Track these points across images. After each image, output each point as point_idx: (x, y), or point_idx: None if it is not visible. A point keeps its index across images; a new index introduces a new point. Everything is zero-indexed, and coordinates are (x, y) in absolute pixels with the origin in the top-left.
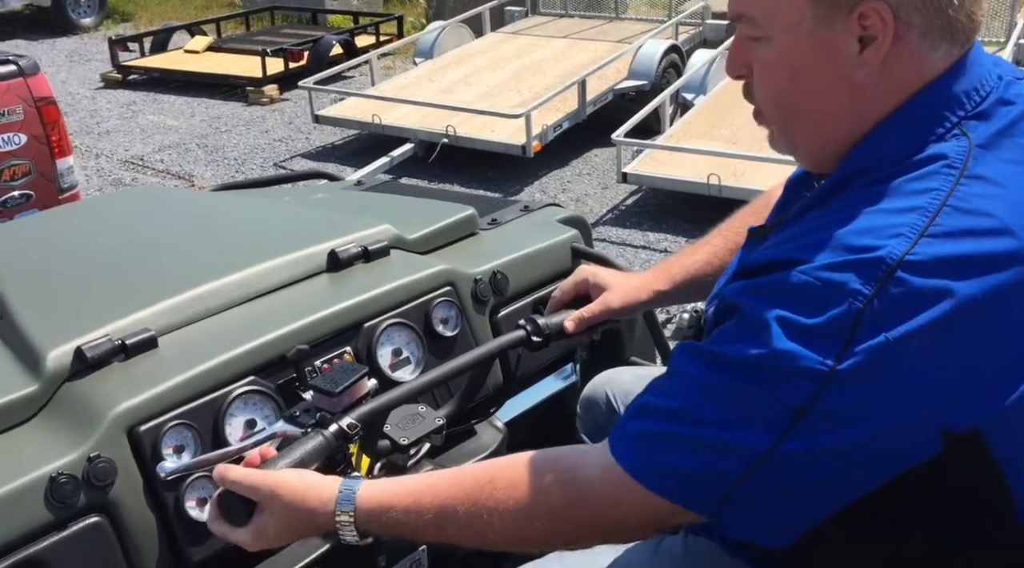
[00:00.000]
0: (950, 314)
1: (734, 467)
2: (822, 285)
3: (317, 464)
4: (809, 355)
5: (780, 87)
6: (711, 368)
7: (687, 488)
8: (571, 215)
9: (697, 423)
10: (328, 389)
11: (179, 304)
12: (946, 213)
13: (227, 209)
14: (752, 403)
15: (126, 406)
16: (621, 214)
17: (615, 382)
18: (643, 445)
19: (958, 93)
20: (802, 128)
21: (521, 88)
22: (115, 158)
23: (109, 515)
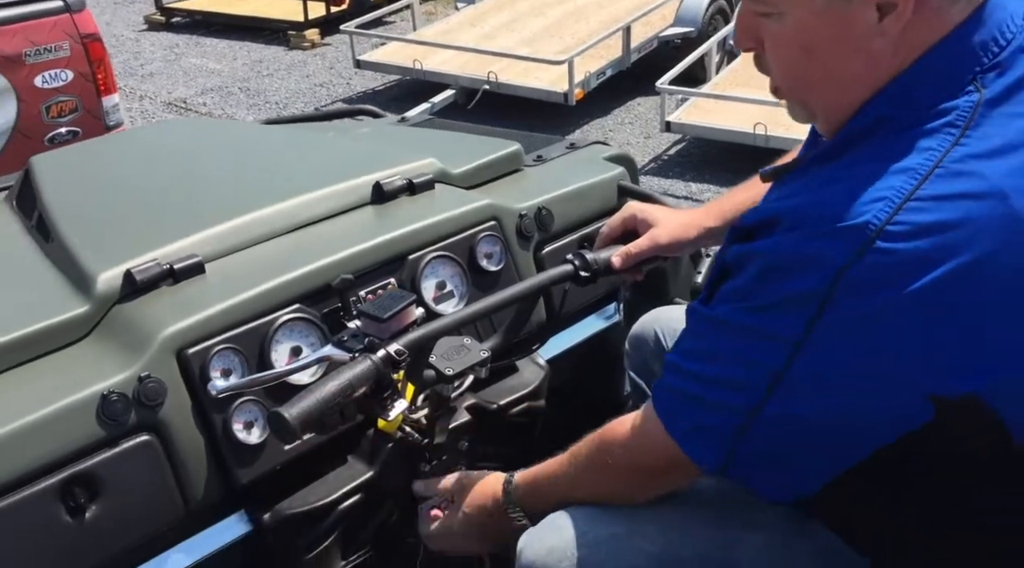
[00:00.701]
0: (929, 284)
1: (728, 424)
2: (802, 253)
3: (364, 388)
4: (782, 323)
5: (793, 61)
6: (708, 330)
7: (699, 442)
8: (618, 153)
9: (699, 381)
10: (377, 315)
11: (226, 231)
12: (937, 176)
13: (273, 140)
14: (737, 365)
15: (175, 329)
16: (664, 164)
17: (663, 320)
18: (670, 398)
19: (974, 45)
20: (818, 100)
21: (564, 34)
22: (158, 100)
23: (159, 434)
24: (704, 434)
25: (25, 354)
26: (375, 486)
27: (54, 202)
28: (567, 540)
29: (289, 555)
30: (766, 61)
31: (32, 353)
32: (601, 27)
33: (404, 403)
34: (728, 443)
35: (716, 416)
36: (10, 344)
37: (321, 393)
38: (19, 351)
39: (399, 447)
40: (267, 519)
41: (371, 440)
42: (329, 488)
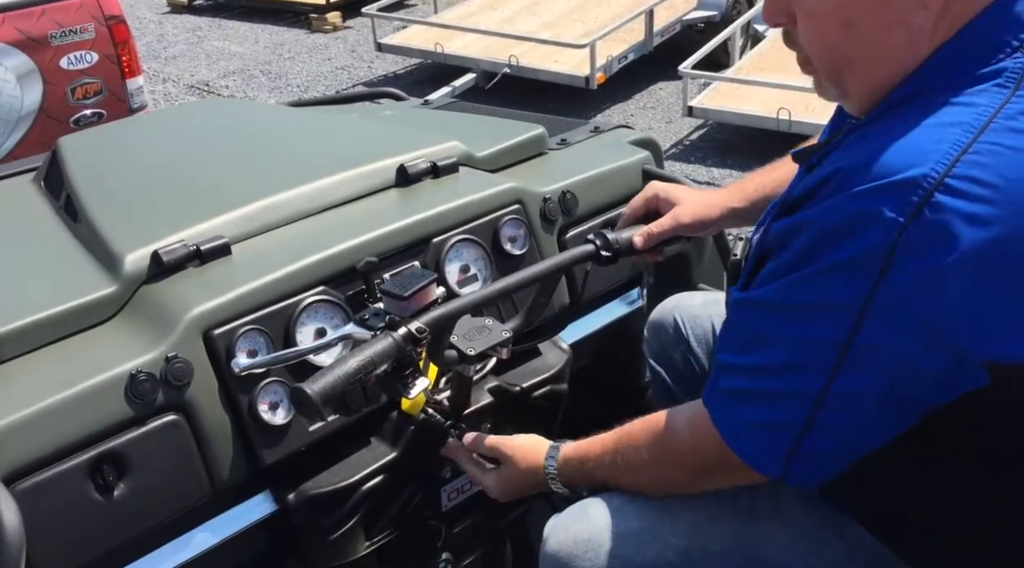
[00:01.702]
0: (991, 241)
1: (795, 414)
2: (855, 215)
3: (386, 365)
4: (843, 290)
5: (830, 36)
6: (760, 317)
7: (758, 443)
8: (643, 137)
9: (758, 375)
10: (398, 293)
11: (252, 213)
12: (993, 129)
13: (298, 122)
14: (800, 346)
15: (202, 309)
16: (685, 149)
17: (683, 307)
18: (723, 400)
19: (1016, 14)
20: (854, 76)
21: (586, 18)
22: (181, 83)
23: (186, 414)
24: (765, 432)
25: (54, 334)
26: (398, 467)
27: (82, 183)
28: (594, 531)
29: (313, 535)
30: (797, 36)
31: (61, 333)
32: (624, 11)
33: (426, 381)
34: (791, 440)
35: (778, 408)
36: (39, 324)
37: (343, 369)
38: (48, 331)
39: (422, 429)
40: (292, 499)
41: (394, 422)
42: (353, 469)
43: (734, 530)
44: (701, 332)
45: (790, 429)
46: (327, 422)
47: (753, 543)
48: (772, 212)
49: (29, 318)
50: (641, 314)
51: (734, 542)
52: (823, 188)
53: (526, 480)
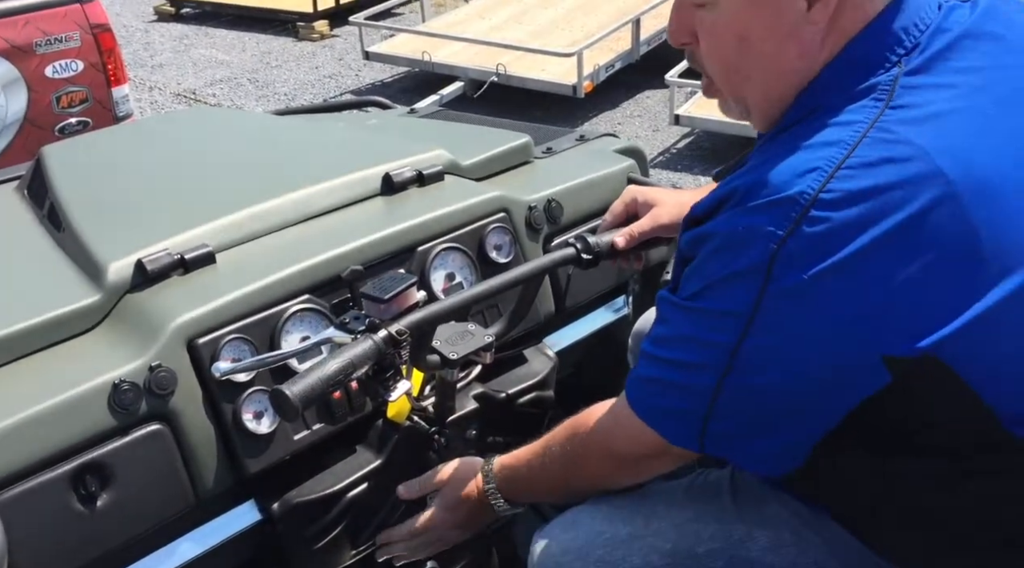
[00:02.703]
0: (867, 247)
1: (697, 404)
2: (741, 228)
3: (366, 368)
4: (731, 299)
5: (728, 52)
6: (673, 315)
7: (672, 425)
8: (628, 145)
9: (666, 366)
10: (377, 296)
11: (236, 221)
12: (866, 144)
13: (283, 131)
14: (699, 346)
15: (186, 318)
16: (672, 157)
17: None
18: (640, 386)
19: (896, 31)
20: (753, 91)
21: (573, 27)
22: (168, 91)
23: (169, 423)
24: (675, 417)
25: (37, 343)
26: (383, 475)
27: (65, 192)
28: (582, 539)
29: (298, 544)
30: (700, 56)
31: (44, 342)
32: (611, 19)
33: (407, 384)
34: (699, 423)
35: (684, 398)
36: (22, 333)
37: (323, 371)
38: (31, 340)
39: (407, 436)
40: (276, 508)
41: (380, 430)
42: (338, 477)
43: (719, 533)
44: None
45: (695, 415)
46: (312, 430)
47: (737, 544)
48: (684, 222)
49: (12, 328)
50: (627, 322)
51: (719, 544)
52: (726, 203)
53: (467, 503)
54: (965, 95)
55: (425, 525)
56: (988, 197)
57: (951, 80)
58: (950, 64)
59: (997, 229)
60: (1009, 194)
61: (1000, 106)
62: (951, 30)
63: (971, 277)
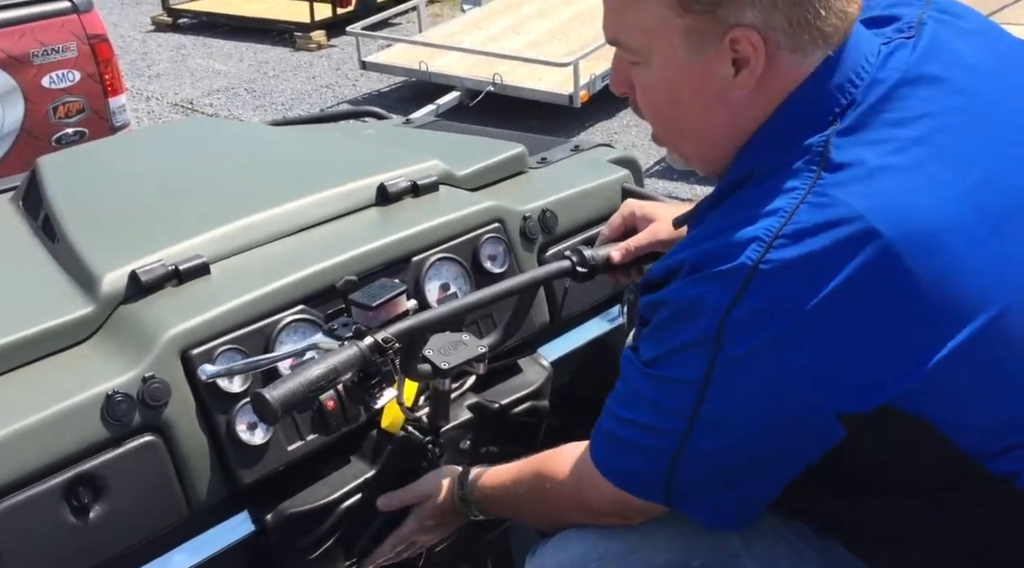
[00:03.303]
0: (808, 313)
1: (658, 465)
2: (691, 298)
3: (351, 374)
4: (684, 368)
5: (662, 109)
6: (635, 376)
7: (635, 482)
8: (623, 155)
9: (628, 426)
10: (365, 303)
11: (231, 232)
12: (802, 211)
13: (278, 141)
14: (656, 410)
15: (179, 329)
16: (668, 167)
17: None
18: (602, 443)
19: (831, 89)
20: (688, 145)
21: (570, 37)
22: (165, 101)
23: (163, 435)
24: (638, 476)
25: (30, 354)
26: (377, 486)
27: (60, 203)
28: (576, 555)
29: (292, 555)
30: (638, 105)
31: (37, 353)
32: None
33: (393, 392)
34: (663, 481)
35: (646, 460)
36: (16, 344)
37: (305, 376)
38: (25, 351)
39: (401, 447)
40: (270, 519)
41: (374, 440)
42: (332, 488)
43: (712, 546)
44: None
45: (657, 475)
46: (306, 441)
47: (732, 558)
48: (642, 284)
49: (5, 339)
50: (621, 331)
51: (714, 558)
52: (677, 273)
53: (445, 511)
54: (901, 149)
55: (403, 538)
56: (931, 249)
57: (886, 134)
58: (884, 117)
59: (945, 279)
60: (955, 242)
61: (941, 154)
62: (886, 80)
63: (922, 330)
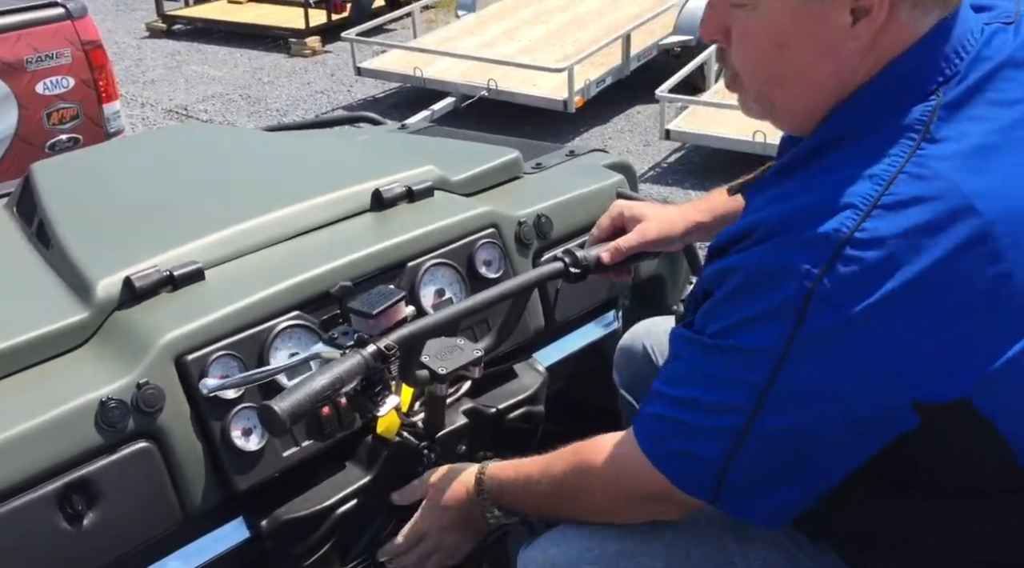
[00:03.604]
0: (900, 290)
1: (716, 449)
2: (775, 266)
3: (355, 383)
4: (762, 337)
5: (763, 56)
6: (693, 353)
7: (685, 471)
8: (617, 160)
9: (687, 407)
10: (366, 311)
11: (226, 238)
12: (901, 181)
13: (273, 147)
14: (721, 385)
15: (174, 335)
16: (663, 172)
17: (653, 333)
18: (650, 427)
19: (938, 57)
20: (782, 96)
21: (564, 42)
22: (160, 107)
23: (157, 441)
24: (692, 462)
25: (24, 360)
26: (373, 491)
27: (54, 209)
28: (570, 555)
29: (287, 562)
30: (730, 55)
31: (31, 359)
32: (601, 35)
33: (396, 399)
34: (718, 470)
35: (704, 442)
36: (10, 351)
37: (311, 387)
38: (19, 357)
39: (397, 452)
40: (265, 525)
41: (369, 446)
42: (327, 493)
43: (712, 553)
44: None
45: (713, 463)
46: (302, 447)
47: (730, 564)
48: (708, 252)
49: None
50: (617, 336)
51: (712, 564)
52: (751, 236)
53: (455, 507)
54: (1003, 130)
55: (414, 530)
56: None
57: (989, 113)
58: (987, 95)
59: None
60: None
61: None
62: (991, 58)
63: (1004, 320)
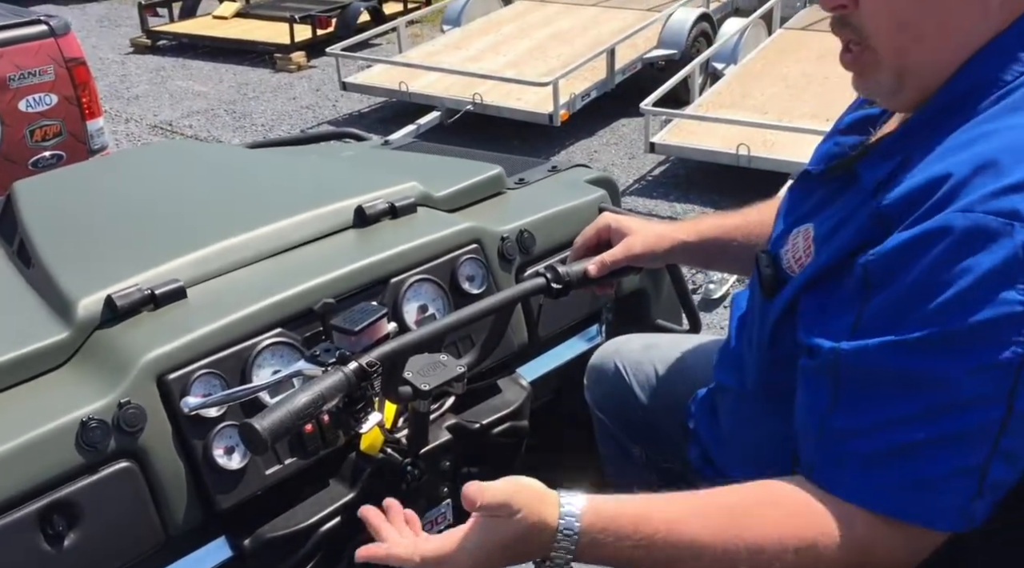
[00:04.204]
0: None
1: (976, 452)
2: (993, 217)
3: (337, 400)
4: (1004, 299)
5: (905, 11)
6: (906, 359)
7: (930, 499)
8: (600, 176)
9: (920, 422)
10: (348, 328)
11: (208, 256)
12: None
13: (255, 164)
14: (970, 375)
15: (155, 354)
16: (648, 184)
17: (624, 352)
18: (865, 471)
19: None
20: (921, 54)
21: (549, 56)
22: (144, 123)
23: (139, 461)
24: (941, 483)
25: (6, 380)
26: (356, 508)
27: (34, 227)
28: None
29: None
30: (856, 18)
31: (12, 379)
32: (586, 49)
33: (379, 416)
34: (976, 480)
35: (955, 453)
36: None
37: (292, 405)
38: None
39: (380, 469)
40: (248, 544)
41: (353, 463)
42: (310, 511)
43: None
44: (644, 378)
45: (972, 471)
46: (284, 465)
47: None
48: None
49: None
50: None
51: None
52: (929, 198)
53: (511, 551)
54: None
55: (435, 552)
56: None
57: None
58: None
59: None
60: None
61: None
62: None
63: None
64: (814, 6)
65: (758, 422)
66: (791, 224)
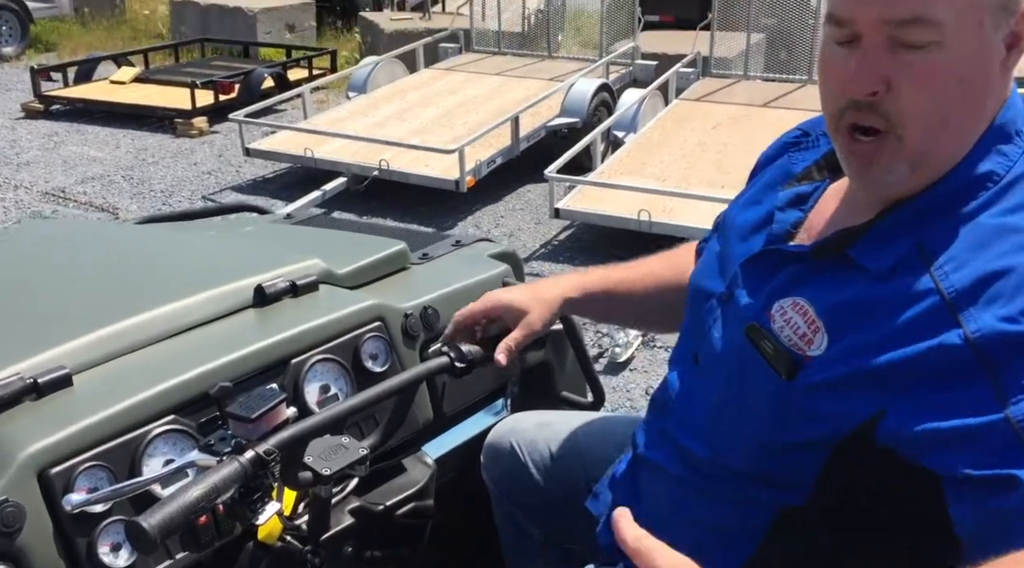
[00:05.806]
0: None
1: None
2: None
3: (232, 492)
4: None
5: (943, 95)
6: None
7: None
8: (503, 250)
9: None
10: (244, 415)
11: (96, 340)
12: None
13: (149, 242)
14: None
15: (36, 448)
16: (554, 249)
17: (518, 431)
18: None
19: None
20: (946, 141)
21: (455, 124)
22: (35, 190)
23: (16, 563)
24: None
25: None
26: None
27: None
28: None
29: None
30: (886, 106)
31: None
32: (491, 117)
33: (277, 505)
34: None
35: None
36: None
37: (184, 499)
38: None
39: (279, 558)
40: None
41: (250, 553)
42: None
43: None
44: (539, 457)
45: None
46: (175, 560)
47: None
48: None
49: None
50: None
51: None
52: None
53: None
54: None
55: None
56: None
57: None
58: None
59: None
60: None
61: None
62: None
63: None
64: (707, 79)
65: (706, 506)
66: (768, 297)
